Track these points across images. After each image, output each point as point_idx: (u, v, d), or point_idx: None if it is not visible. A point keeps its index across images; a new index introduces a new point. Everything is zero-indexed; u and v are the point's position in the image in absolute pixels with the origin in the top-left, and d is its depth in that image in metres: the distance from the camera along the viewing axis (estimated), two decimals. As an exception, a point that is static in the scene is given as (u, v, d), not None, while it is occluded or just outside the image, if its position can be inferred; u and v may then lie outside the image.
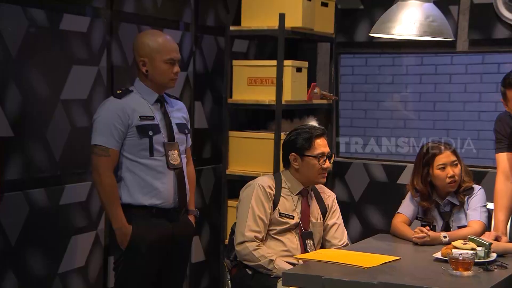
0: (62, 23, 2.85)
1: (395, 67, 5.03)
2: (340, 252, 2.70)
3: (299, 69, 3.70)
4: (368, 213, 4.13)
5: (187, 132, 2.79)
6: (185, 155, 2.78)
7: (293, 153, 2.84)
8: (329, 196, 2.98)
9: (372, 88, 5.11)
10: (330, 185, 4.09)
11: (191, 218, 2.83)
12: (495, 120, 2.92)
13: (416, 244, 2.77)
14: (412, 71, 5.00)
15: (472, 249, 2.47)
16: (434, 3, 2.89)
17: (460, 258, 2.32)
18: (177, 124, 2.74)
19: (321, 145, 2.83)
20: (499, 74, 3.11)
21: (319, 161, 2.81)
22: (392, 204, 3.06)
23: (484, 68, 4.61)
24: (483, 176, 3.64)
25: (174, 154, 2.68)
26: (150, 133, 2.64)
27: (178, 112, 2.79)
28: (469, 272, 2.29)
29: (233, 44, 3.78)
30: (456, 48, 3.87)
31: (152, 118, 2.66)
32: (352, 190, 4.19)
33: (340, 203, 3.65)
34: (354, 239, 3.85)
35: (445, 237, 2.75)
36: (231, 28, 3.71)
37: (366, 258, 2.52)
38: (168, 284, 2.76)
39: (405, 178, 3.80)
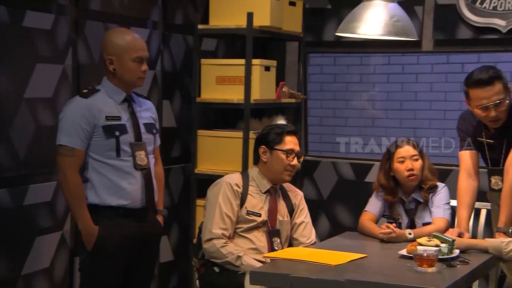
0: (25, 20, 2.81)
1: (363, 66, 5.07)
2: (308, 250, 2.72)
3: (267, 68, 3.71)
4: (337, 211, 4.17)
5: (155, 132, 2.78)
6: (153, 155, 2.76)
7: (263, 146, 2.86)
8: (297, 195, 3.00)
9: (341, 87, 5.16)
10: (299, 183, 4.12)
11: (160, 218, 2.81)
12: (458, 119, 2.97)
13: (382, 241, 2.80)
14: (379, 70, 5.06)
15: (436, 245, 2.51)
16: (399, 3, 2.93)
17: (425, 254, 2.36)
18: (145, 124, 2.72)
19: (291, 142, 2.86)
20: (463, 74, 3.16)
21: (287, 156, 2.82)
22: (360, 202, 3.10)
23: (448, 67, 4.69)
24: (448, 174, 3.71)
25: (141, 155, 2.66)
26: (117, 133, 2.61)
27: (146, 112, 2.77)
28: (433, 268, 2.33)
29: (202, 42, 3.76)
30: (422, 48, 3.94)
31: (119, 118, 2.64)
32: (320, 188, 4.22)
33: (308, 201, 3.67)
34: (323, 237, 3.87)
35: (410, 234, 2.79)
36: (200, 27, 3.70)
37: (334, 256, 2.54)
38: (136, 284, 2.74)
39: (372, 176, 3.84)
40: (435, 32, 3.87)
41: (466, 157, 2.89)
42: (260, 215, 2.85)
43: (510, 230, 2.64)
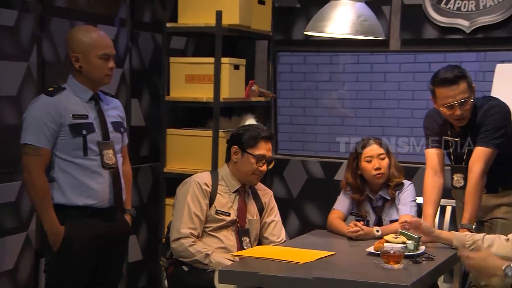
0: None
1: (332, 65, 5.12)
2: (277, 249, 2.72)
3: (236, 67, 3.70)
4: (306, 209, 4.19)
5: (122, 131, 2.75)
6: (120, 154, 2.74)
7: (236, 146, 2.86)
8: (266, 194, 3.00)
9: (311, 86, 5.19)
10: (268, 182, 4.12)
11: (128, 218, 2.79)
12: (425, 117, 3.01)
13: (350, 239, 2.82)
14: (348, 69, 5.10)
15: (403, 242, 2.54)
16: (366, 3, 2.96)
17: (391, 251, 2.39)
18: (112, 123, 2.69)
19: (265, 147, 2.85)
20: (430, 73, 3.20)
21: (257, 162, 2.82)
22: (329, 200, 3.11)
23: (416, 67, 4.76)
24: (415, 171, 3.75)
25: (109, 154, 2.63)
26: (84, 132, 2.58)
27: (114, 110, 2.74)
28: (400, 265, 2.36)
29: (171, 41, 3.74)
30: (389, 47, 3.97)
31: (86, 116, 2.61)
32: (290, 187, 4.23)
33: (278, 200, 3.67)
34: (293, 235, 3.88)
35: (378, 231, 2.82)
36: (168, 25, 3.67)
37: (302, 254, 2.54)
38: (104, 285, 2.71)
39: (341, 174, 3.85)
40: (402, 32, 3.92)
41: (432, 155, 2.93)
42: (229, 215, 2.84)
43: (474, 226, 2.69)
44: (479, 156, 2.74)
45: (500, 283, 2.15)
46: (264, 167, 2.84)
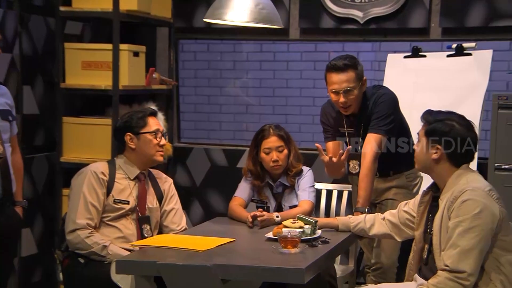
0: None
1: (236, 54, 5.13)
2: (177, 237, 2.71)
3: (136, 54, 3.63)
4: (210, 197, 4.18)
5: (11, 119, 2.62)
6: (9, 144, 2.61)
7: (129, 133, 2.81)
8: (166, 181, 2.97)
9: (214, 74, 5.18)
10: (171, 171, 4.08)
11: (19, 210, 2.68)
12: (320, 112, 3.09)
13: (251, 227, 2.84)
14: (252, 57, 5.14)
15: (300, 227, 2.59)
16: (265, -9, 2.97)
17: (289, 236, 2.43)
18: (0, 111, 2.55)
19: (155, 123, 2.86)
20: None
21: (156, 137, 2.80)
22: (232, 188, 3.12)
23: (316, 56, 4.87)
24: (315, 158, 3.84)
25: (-4, 143, 2.50)
26: (-32, 120, 2.44)
27: (1, 98, 2.61)
28: (296, 249, 2.40)
29: (65, 25, 3.60)
30: (289, 36, 4.03)
31: (-30, 104, 2.46)
32: (193, 175, 4.21)
33: (182, 188, 3.66)
34: (197, 224, 3.88)
35: (277, 217, 2.86)
36: (62, 8, 3.53)
37: (202, 242, 2.54)
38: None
39: (244, 162, 3.89)
40: (301, 21, 3.98)
41: (330, 148, 3.01)
42: (128, 203, 2.79)
43: (367, 209, 2.79)
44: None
45: None
46: (163, 140, 2.84)
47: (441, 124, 2.31)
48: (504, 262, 2.21)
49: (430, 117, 2.36)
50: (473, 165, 2.55)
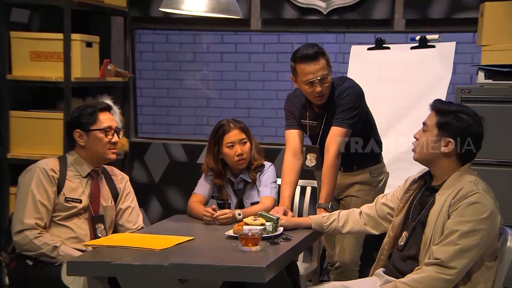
0: None
1: (196, 45, 5.00)
2: (133, 236, 2.61)
3: (89, 44, 3.48)
4: (169, 194, 4.08)
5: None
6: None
7: (78, 130, 2.68)
8: (122, 179, 2.85)
9: (174, 66, 5.04)
10: (128, 167, 3.96)
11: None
12: (286, 99, 3.00)
13: (208, 223, 2.75)
14: (212, 49, 5.02)
15: (262, 224, 2.51)
16: (225, -20, 2.86)
17: (249, 234, 2.35)
18: None
19: (107, 119, 2.72)
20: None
21: (106, 135, 2.66)
22: (192, 184, 3.04)
23: (279, 47, 4.78)
24: (277, 153, 3.76)
25: None
26: None
27: None
28: (257, 247, 2.33)
29: (11, 13, 3.42)
30: (250, 27, 3.94)
31: None
32: (151, 171, 4.10)
33: (139, 185, 3.53)
34: (155, 221, 3.75)
35: (239, 214, 2.77)
36: (6, -5, 3.36)
37: (160, 240, 2.45)
38: None
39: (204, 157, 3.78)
40: (263, 11, 3.90)
41: (293, 136, 2.92)
42: (80, 201, 2.67)
43: (330, 205, 2.71)
44: (335, 136, 2.77)
45: None
46: (115, 137, 2.71)
47: (457, 119, 2.22)
48: (486, 268, 2.20)
49: (442, 107, 2.26)
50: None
